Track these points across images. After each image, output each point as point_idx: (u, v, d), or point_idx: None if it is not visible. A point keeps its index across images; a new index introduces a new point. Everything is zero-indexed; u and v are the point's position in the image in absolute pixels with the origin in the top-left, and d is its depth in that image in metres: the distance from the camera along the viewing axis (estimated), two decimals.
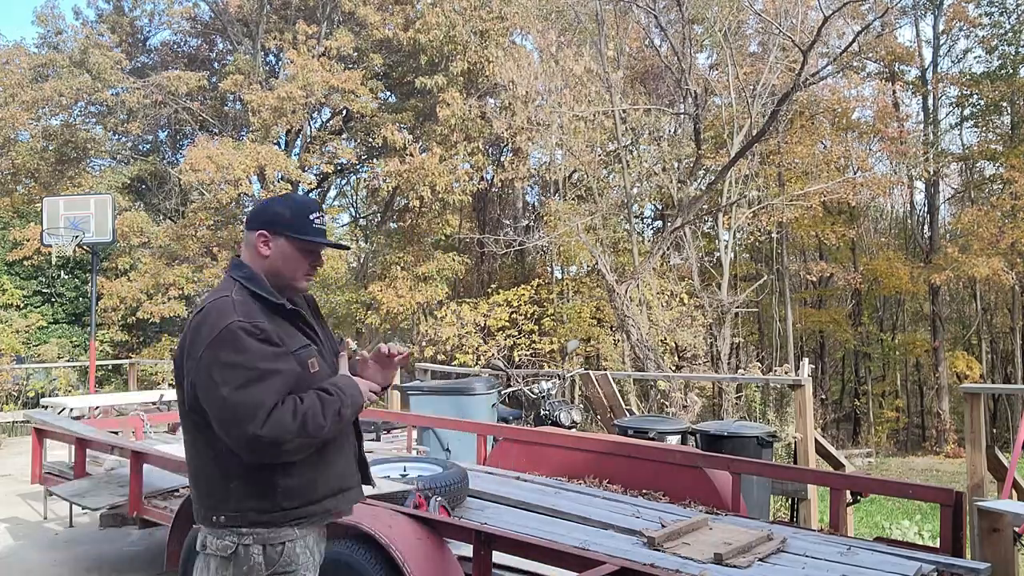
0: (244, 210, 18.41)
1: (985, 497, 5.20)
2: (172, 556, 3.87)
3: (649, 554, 3.15)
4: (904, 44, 21.95)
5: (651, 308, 14.25)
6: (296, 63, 16.13)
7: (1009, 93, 20.22)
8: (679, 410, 9.77)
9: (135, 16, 20.26)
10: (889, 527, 7.36)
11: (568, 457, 4.85)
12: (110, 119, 19.13)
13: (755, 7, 15.38)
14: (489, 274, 20.94)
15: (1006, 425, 19.27)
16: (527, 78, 14.73)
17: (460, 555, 3.11)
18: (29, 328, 16.80)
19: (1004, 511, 4.37)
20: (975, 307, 23.69)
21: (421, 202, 16.09)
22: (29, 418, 7.59)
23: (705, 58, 20.08)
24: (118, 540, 5.77)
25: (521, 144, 16.26)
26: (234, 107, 19.30)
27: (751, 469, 4.38)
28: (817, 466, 6.76)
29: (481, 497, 4.29)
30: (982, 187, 22.42)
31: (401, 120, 17.43)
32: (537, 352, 15.96)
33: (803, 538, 3.58)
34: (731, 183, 16.50)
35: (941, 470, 15.59)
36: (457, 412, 6.22)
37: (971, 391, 5.72)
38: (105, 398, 9.70)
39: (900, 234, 25.30)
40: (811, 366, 14.07)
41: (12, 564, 5.42)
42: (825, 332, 23.17)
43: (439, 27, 15.81)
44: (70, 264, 16.91)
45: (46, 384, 14.16)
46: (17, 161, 17.61)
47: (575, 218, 15.12)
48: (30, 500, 7.11)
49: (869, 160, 20.63)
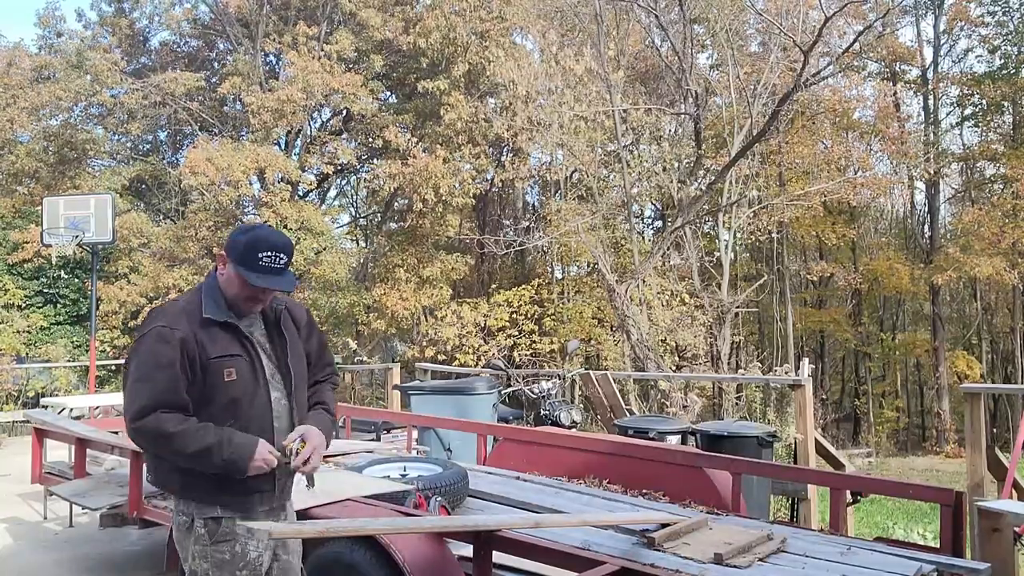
0: (244, 211, 18.42)
1: (985, 497, 5.20)
2: (172, 556, 3.86)
3: (649, 554, 3.14)
4: (905, 44, 21.93)
5: (651, 308, 14.26)
6: (296, 65, 16.12)
7: (1010, 93, 20.20)
8: (679, 410, 9.76)
9: (135, 17, 20.25)
10: (889, 527, 7.36)
11: (568, 457, 4.85)
12: (110, 120, 19.12)
13: (756, 7, 15.38)
14: (489, 274, 20.94)
15: (1006, 425, 19.25)
16: (527, 78, 14.72)
17: (460, 555, 3.11)
18: (30, 328, 16.80)
19: (1004, 511, 4.36)
20: (975, 307, 23.68)
21: (424, 204, 16.10)
22: (29, 418, 7.58)
23: (706, 58, 20.09)
24: (118, 540, 5.77)
25: (521, 144, 16.26)
26: (234, 107, 19.29)
27: (751, 469, 4.37)
28: (817, 466, 6.76)
29: (481, 497, 4.29)
30: (983, 187, 22.41)
31: (402, 121, 17.42)
32: (537, 352, 15.97)
33: (803, 538, 3.58)
34: (731, 183, 16.50)
35: (941, 470, 15.57)
36: (457, 412, 6.22)
37: (971, 391, 5.72)
38: (105, 398, 9.69)
39: (900, 234, 25.27)
40: (811, 366, 14.05)
41: (12, 564, 5.42)
42: (825, 332, 23.16)
43: (438, 30, 15.80)
44: (71, 265, 16.90)
45: (46, 384, 14.16)
46: (17, 163, 17.61)
47: (576, 218, 15.12)
48: (30, 500, 7.11)
49: (870, 160, 20.61)
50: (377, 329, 17.26)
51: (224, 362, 2.40)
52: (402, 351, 18.95)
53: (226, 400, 2.41)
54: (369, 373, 16.74)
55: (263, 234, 2.46)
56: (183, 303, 2.47)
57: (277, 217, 16.16)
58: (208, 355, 2.37)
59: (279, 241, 2.44)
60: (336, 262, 16.83)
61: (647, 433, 5.87)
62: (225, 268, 2.45)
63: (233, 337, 2.44)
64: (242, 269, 2.39)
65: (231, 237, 2.48)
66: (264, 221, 16.40)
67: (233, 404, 2.42)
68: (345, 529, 2.77)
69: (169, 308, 2.49)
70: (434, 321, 16.55)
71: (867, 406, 22.79)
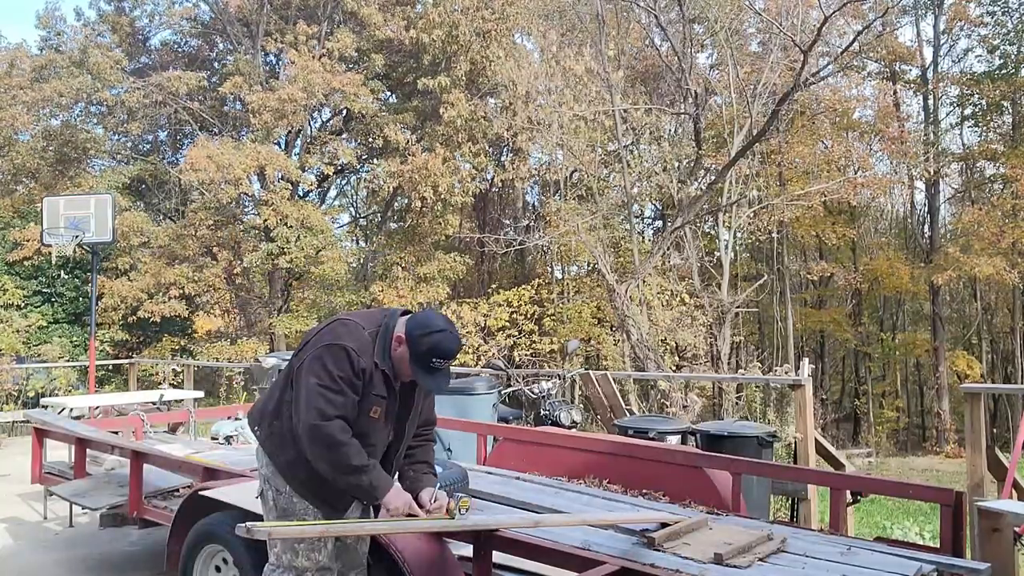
0: (244, 210, 18.43)
1: (985, 497, 5.19)
2: (172, 556, 3.86)
3: (649, 554, 3.14)
4: (905, 44, 21.93)
5: (651, 308, 14.25)
6: (297, 64, 16.11)
7: (1010, 92, 20.20)
8: (679, 410, 9.75)
9: (135, 16, 20.24)
10: (889, 527, 7.35)
11: (568, 457, 4.84)
12: (110, 119, 19.12)
13: (756, 7, 15.37)
14: (489, 274, 20.93)
15: (1006, 425, 19.25)
16: (528, 78, 14.72)
17: (460, 555, 3.11)
18: (29, 328, 16.79)
19: (1004, 511, 4.36)
20: (975, 307, 23.68)
21: (423, 203, 16.09)
22: (29, 418, 7.58)
23: (705, 58, 20.08)
24: (118, 540, 5.76)
25: (521, 144, 16.27)
26: (234, 107, 19.29)
27: (751, 469, 4.37)
28: (817, 466, 6.75)
29: (481, 497, 4.29)
30: (983, 187, 22.40)
31: (402, 120, 17.42)
32: (537, 352, 15.96)
33: (803, 538, 3.58)
34: (731, 183, 16.49)
35: (941, 470, 15.56)
36: (457, 412, 6.20)
37: (971, 391, 5.71)
38: (105, 398, 9.69)
39: (900, 234, 25.27)
40: (811, 366, 14.02)
41: (12, 564, 5.42)
42: (825, 332, 23.16)
43: (441, 26, 15.80)
44: (70, 264, 16.89)
45: (46, 384, 14.15)
46: (17, 161, 17.60)
47: (576, 218, 15.11)
48: (30, 500, 7.10)
49: (870, 160, 20.61)
50: None
51: (376, 400, 2.75)
52: None
53: (362, 430, 2.75)
54: None
55: (444, 344, 2.73)
56: (367, 339, 2.74)
57: (277, 216, 16.17)
58: (370, 390, 2.73)
59: (452, 350, 2.75)
60: (337, 259, 16.83)
61: (647, 433, 5.86)
62: (400, 348, 2.76)
63: (385, 384, 2.77)
64: (416, 367, 2.73)
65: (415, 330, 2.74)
66: (264, 221, 16.42)
67: (364, 436, 2.76)
68: (344, 529, 2.78)
69: (356, 334, 2.74)
70: None
71: (867, 406, 22.79)
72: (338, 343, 2.69)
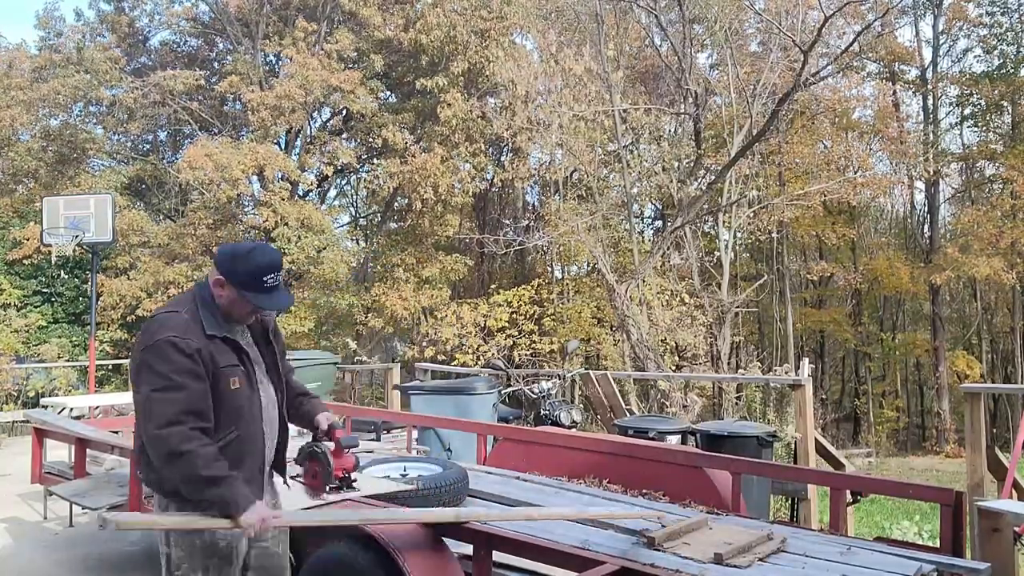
0: (244, 210, 18.40)
1: (985, 497, 5.20)
2: None
3: (649, 554, 3.14)
4: (904, 44, 21.95)
5: (651, 308, 14.23)
6: (296, 60, 16.10)
7: (1009, 93, 20.20)
8: (679, 410, 9.76)
9: (135, 16, 20.24)
10: (889, 527, 7.36)
11: (568, 457, 4.84)
12: (109, 119, 19.10)
13: (755, 7, 15.38)
14: (489, 274, 20.93)
15: (1006, 425, 19.25)
16: (527, 78, 14.72)
17: (460, 555, 3.11)
18: (28, 328, 16.78)
19: (1004, 511, 4.36)
20: (975, 307, 23.69)
21: (423, 203, 16.07)
22: (29, 418, 7.59)
23: (705, 58, 20.09)
24: (118, 540, 5.76)
25: (521, 144, 16.25)
26: (233, 107, 19.28)
27: (751, 469, 4.37)
28: (817, 466, 6.76)
29: (481, 497, 4.29)
30: (982, 187, 22.41)
31: (402, 120, 17.42)
32: (537, 352, 15.94)
33: (803, 538, 3.58)
34: (731, 183, 16.49)
35: (941, 470, 15.58)
36: (457, 412, 6.21)
37: (971, 391, 5.72)
38: (105, 398, 9.70)
39: (900, 234, 25.28)
40: (811, 366, 14.06)
41: (12, 564, 5.42)
42: (825, 332, 23.16)
43: (440, 27, 15.79)
44: (70, 264, 16.89)
45: (46, 384, 14.14)
46: (16, 161, 17.59)
47: (576, 218, 15.11)
48: (30, 500, 7.10)
49: (870, 160, 20.62)
50: (375, 327, 17.24)
51: (229, 372, 2.54)
52: (402, 351, 18.94)
53: (230, 408, 2.54)
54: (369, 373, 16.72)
55: (260, 259, 2.56)
56: (184, 319, 2.51)
57: (276, 216, 16.16)
58: (218, 365, 2.51)
59: (276, 260, 2.58)
60: (337, 259, 16.82)
61: (647, 433, 5.87)
62: (224, 291, 2.56)
63: (231, 349, 2.59)
64: (249, 294, 2.54)
65: (226, 263, 2.57)
66: (264, 221, 16.41)
67: (236, 411, 2.56)
68: (324, 520, 2.80)
69: (172, 321, 2.50)
70: (434, 321, 16.54)
71: (867, 406, 22.79)
72: (155, 340, 2.44)
